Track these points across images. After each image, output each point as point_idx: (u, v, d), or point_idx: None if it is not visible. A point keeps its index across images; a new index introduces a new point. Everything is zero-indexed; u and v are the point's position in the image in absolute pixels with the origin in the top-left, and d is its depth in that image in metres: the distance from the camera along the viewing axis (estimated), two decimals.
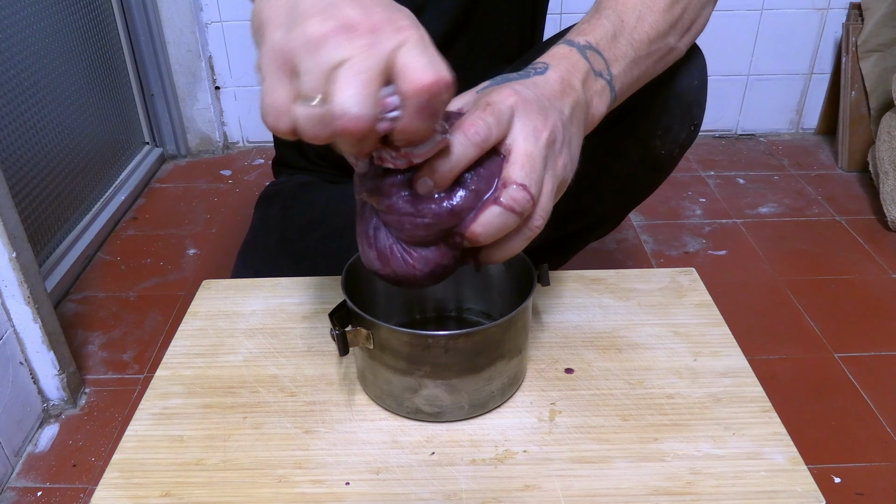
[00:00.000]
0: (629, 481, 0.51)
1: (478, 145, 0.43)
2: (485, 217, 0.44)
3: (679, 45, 0.61)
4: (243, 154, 1.94)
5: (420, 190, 0.44)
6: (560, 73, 0.50)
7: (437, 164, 0.43)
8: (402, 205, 0.45)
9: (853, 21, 1.76)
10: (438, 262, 0.47)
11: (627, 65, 0.55)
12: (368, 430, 0.56)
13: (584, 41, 0.53)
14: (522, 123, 0.45)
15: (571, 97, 0.49)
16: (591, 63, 0.52)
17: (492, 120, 0.43)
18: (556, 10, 1.78)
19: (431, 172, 0.43)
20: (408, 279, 0.48)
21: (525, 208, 0.44)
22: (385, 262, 0.48)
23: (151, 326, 1.26)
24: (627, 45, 0.55)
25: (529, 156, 0.44)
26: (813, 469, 0.54)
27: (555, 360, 0.63)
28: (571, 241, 0.93)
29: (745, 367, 0.62)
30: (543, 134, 0.45)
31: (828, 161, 1.83)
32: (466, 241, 0.45)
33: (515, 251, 0.47)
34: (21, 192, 1.27)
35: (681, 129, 0.75)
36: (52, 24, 1.41)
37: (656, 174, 0.82)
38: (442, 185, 0.44)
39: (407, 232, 0.46)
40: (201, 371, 0.63)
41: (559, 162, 0.47)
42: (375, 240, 0.47)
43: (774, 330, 1.22)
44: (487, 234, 0.44)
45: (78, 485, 0.96)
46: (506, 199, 0.44)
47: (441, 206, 0.44)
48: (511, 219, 0.44)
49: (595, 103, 0.52)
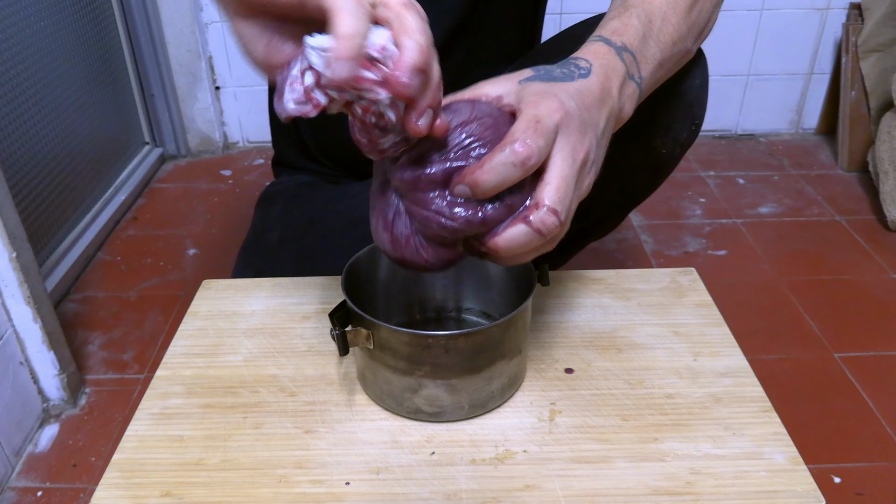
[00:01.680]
0: (629, 481, 0.51)
1: (526, 170, 0.43)
2: (510, 233, 0.44)
3: (693, 49, 0.61)
4: (243, 154, 1.94)
5: (458, 193, 0.44)
6: (601, 80, 0.50)
7: (480, 179, 0.43)
8: (436, 204, 0.44)
9: (853, 21, 1.76)
10: (450, 259, 0.47)
11: (654, 68, 0.55)
12: (368, 430, 0.56)
13: (620, 42, 0.53)
14: (563, 143, 0.45)
15: (609, 106, 0.50)
16: (627, 66, 0.52)
17: (542, 143, 0.43)
18: (556, 9, 1.78)
19: (474, 185, 0.43)
20: (415, 267, 0.48)
21: (551, 232, 0.44)
22: (397, 248, 0.48)
23: (151, 326, 1.26)
24: (655, 47, 0.55)
25: (565, 179, 0.44)
26: (813, 469, 0.54)
27: (555, 360, 0.63)
28: (571, 241, 0.92)
29: (745, 367, 0.62)
30: (580, 155, 0.46)
31: (828, 161, 1.83)
32: (485, 248, 0.45)
33: (524, 260, 0.48)
34: (21, 192, 1.27)
35: (682, 128, 0.75)
36: (53, 24, 1.41)
37: (657, 174, 0.81)
38: (480, 197, 0.44)
39: (432, 230, 0.46)
40: (201, 371, 0.63)
41: (585, 182, 0.47)
42: (393, 225, 0.47)
43: (774, 330, 1.22)
44: (509, 249, 0.45)
45: (78, 485, 0.96)
46: (535, 221, 0.44)
47: (475, 215, 0.44)
48: (535, 239, 0.44)
49: (626, 108, 0.53)
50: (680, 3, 0.57)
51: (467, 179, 0.43)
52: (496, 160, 0.43)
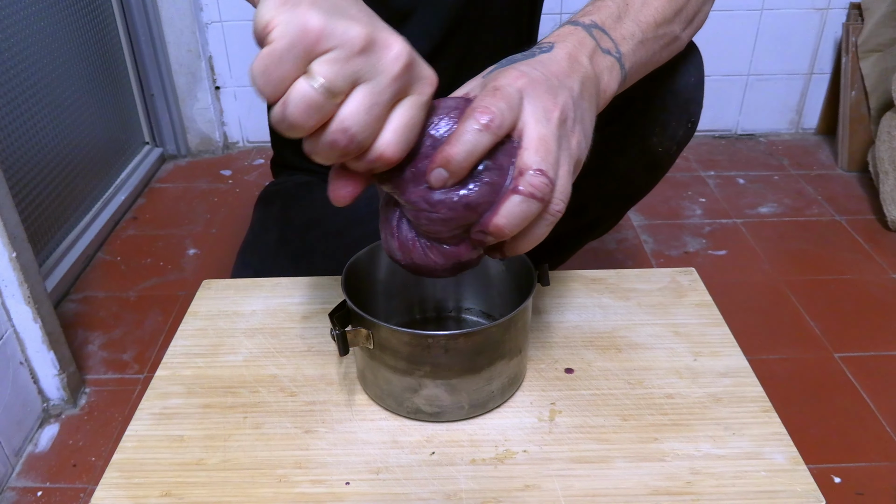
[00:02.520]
0: (629, 481, 0.51)
1: (493, 132, 0.42)
2: (506, 208, 0.43)
3: (683, 36, 0.61)
4: (243, 154, 1.94)
5: (434, 182, 0.43)
6: (567, 50, 0.49)
7: (450, 153, 0.42)
8: (417, 199, 0.44)
9: (853, 21, 1.76)
10: (460, 257, 0.47)
11: (635, 45, 0.54)
12: (368, 430, 0.56)
13: (588, 20, 0.53)
14: (532, 106, 0.44)
15: (580, 73, 0.49)
16: (597, 41, 0.52)
17: (503, 105, 0.43)
18: (556, 10, 1.78)
19: (446, 163, 0.42)
20: (428, 271, 0.48)
21: (545, 193, 0.43)
22: (406, 254, 0.47)
23: (151, 326, 1.26)
24: (634, 25, 0.55)
25: (543, 139, 0.43)
26: (813, 469, 0.54)
27: (555, 360, 0.63)
28: (569, 240, 0.93)
29: (745, 367, 0.62)
30: (554, 114, 0.44)
31: (828, 161, 1.83)
32: (490, 235, 0.44)
33: (540, 238, 0.46)
34: (21, 192, 1.27)
35: (678, 126, 0.75)
36: (52, 24, 1.41)
37: (654, 172, 0.82)
38: (457, 175, 0.43)
39: (424, 227, 0.45)
40: (201, 371, 0.63)
41: (573, 141, 0.46)
42: (398, 231, 0.47)
43: (774, 330, 1.22)
44: (511, 224, 0.43)
45: (78, 485, 0.96)
46: (525, 187, 0.42)
47: (454, 201, 0.43)
48: (533, 206, 0.43)
49: (606, 79, 0.51)
50: None
51: (438, 159, 0.42)
52: (460, 130, 0.42)
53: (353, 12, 0.38)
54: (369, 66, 0.38)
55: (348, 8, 0.39)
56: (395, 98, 0.39)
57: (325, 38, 0.37)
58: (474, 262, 0.48)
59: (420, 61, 0.40)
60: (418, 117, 0.41)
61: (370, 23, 0.38)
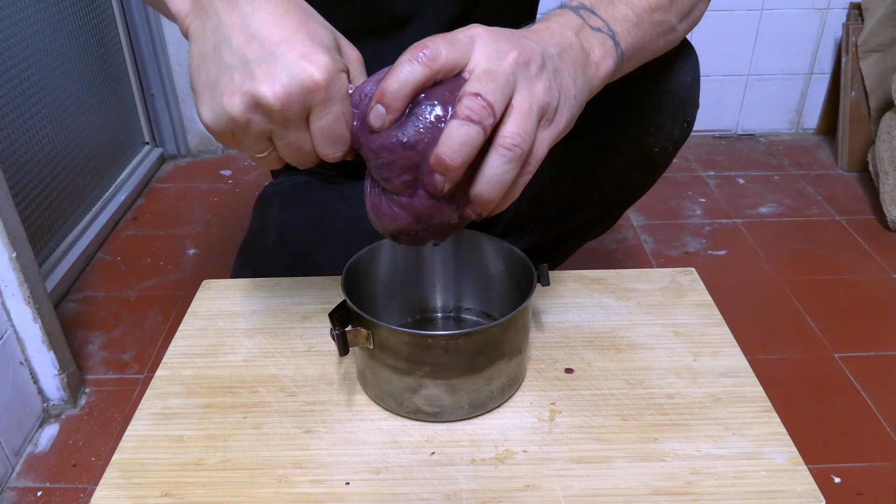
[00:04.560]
0: (629, 481, 0.51)
1: (425, 65, 0.42)
2: (444, 136, 0.42)
3: (679, 28, 0.60)
4: (243, 154, 1.93)
5: (373, 121, 0.43)
6: (546, 24, 0.48)
7: (384, 85, 0.42)
8: (367, 150, 0.44)
9: (853, 21, 1.76)
10: (423, 210, 0.45)
11: (629, 27, 0.53)
12: (368, 430, 0.56)
13: (577, 2, 0.52)
14: (485, 46, 0.43)
15: (559, 41, 0.47)
16: (584, 19, 0.51)
17: (441, 42, 0.42)
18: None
19: (381, 97, 0.42)
20: (401, 231, 0.47)
21: (483, 116, 0.41)
22: (378, 215, 0.48)
23: (151, 326, 1.26)
24: (627, 7, 0.54)
25: (489, 71, 0.42)
26: (813, 469, 0.54)
27: (555, 360, 0.63)
28: (567, 240, 0.93)
29: (745, 367, 0.62)
30: (511, 54, 0.43)
31: (828, 161, 1.83)
32: (436, 173, 0.42)
33: (502, 178, 0.43)
34: (21, 192, 1.27)
35: (674, 126, 0.75)
36: (52, 24, 1.41)
37: (650, 172, 0.82)
38: (393, 109, 0.42)
39: (378, 179, 0.45)
40: (201, 371, 0.63)
41: (538, 85, 0.44)
42: (370, 194, 0.48)
43: (774, 330, 1.22)
44: (451, 153, 0.41)
45: (78, 485, 0.96)
46: (460, 110, 0.41)
47: (392, 142, 0.43)
48: (471, 129, 0.41)
49: (598, 52, 0.50)
50: None
51: (375, 97, 0.42)
52: (395, 65, 0.42)
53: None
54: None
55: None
56: None
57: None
58: (442, 224, 0.47)
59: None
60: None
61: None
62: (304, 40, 0.42)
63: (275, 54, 0.42)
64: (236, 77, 0.42)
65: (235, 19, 0.43)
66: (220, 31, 0.43)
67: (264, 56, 0.42)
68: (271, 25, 0.42)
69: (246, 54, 0.42)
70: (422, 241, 0.49)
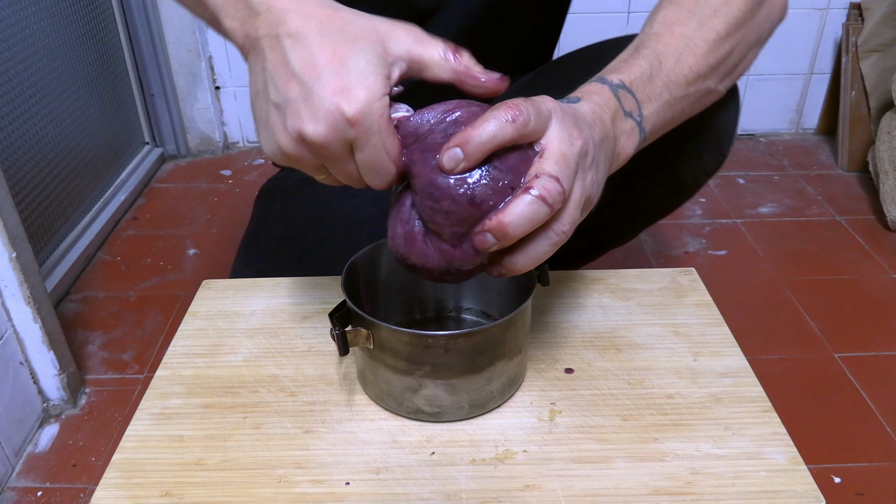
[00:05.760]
0: (629, 481, 0.51)
1: (517, 129, 0.42)
2: (514, 206, 0.42)
3: (719, 88, 0.60)
4: (243, 154, 1.94)
5: (446, 162, 0.43)
6: (591, 106, 0.50)
7: (471, 134, 0.42)
8: (425, 183, 0.44)
9: (853, 21, 1.76)
10: (459, 260, 0.46)
11: (660, 106, 0.54)
12: (368, 430, 0.56)
13: (617, 80, 0.52)
14: (559, 127, 0.44)
15: (601, 128, 0.49)
16: (620, 102, 0.52)
17: (532, 110, 0.43)
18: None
19: (464, 143, 0.42)
20: (422, 269, 0.47)
21: (556, 201, 0.42)
22: (409, 244, 0.47)
23: (151, 326, 1.26)
24: (663, 86, 0.54)
25: (564, 155, 0.44)
26: (813, 469, 0.54)
27: (555, 360, 0.63)
28: (581, 255, 0.93)
29: (745, 367, 0.62)
30: (578, 142, 0.45)
31: (828, 161, 1.83)
32: (492, 234, 0.43)
33: (539, 257, 0.45)
34: (21, 192, 1.27)
35: (710, 159, 0.74)
36: (52, 24, 1.41)
37: (678, 198, 0.81)
38: (470, 158, 0.42)
39: (427, 217, 0.45)
40: (201, 371, 0.63)
41: (588, 176, 0.46)
42: (409, 218, 0.46)
43: (774, 330, 1.22)
44: (515, 224, 0.42)
45: (78, 485, 0.96)
46: (538, 188, 0.42)
47: (459, 193, 0.43)
48: (542, 210, 0.42)
49: (622, 142, 0.52)
50: (700, 44, 0.56)
51: (457, 138, 0.42)
52: (486, 116, 0.42)
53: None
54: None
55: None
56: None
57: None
58: (464, 272, 0.47)
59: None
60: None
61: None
62: (338, 72, 0.42)
63: (311, 92, 0.42)
64: (283, 116, 0.44)
65: (278, 56, 0.44)
66: (266, 71, 0.45)
67: (303, 94, 0.43)
68: (307, 60, 0.43)
69: (287, 93, 0.43)
70: (434, 279, 0.48)
